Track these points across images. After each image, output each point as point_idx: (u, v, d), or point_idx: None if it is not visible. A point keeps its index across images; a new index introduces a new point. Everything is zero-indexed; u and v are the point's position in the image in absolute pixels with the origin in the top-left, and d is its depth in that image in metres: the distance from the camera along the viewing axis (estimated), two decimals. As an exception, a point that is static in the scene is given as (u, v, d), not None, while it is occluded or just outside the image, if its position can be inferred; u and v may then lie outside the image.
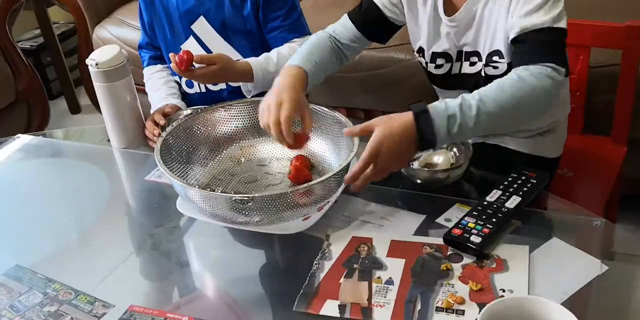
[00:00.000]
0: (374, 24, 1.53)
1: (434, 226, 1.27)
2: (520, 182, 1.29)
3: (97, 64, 1.54)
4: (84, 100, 3.31)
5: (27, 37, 3.47)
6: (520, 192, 1.26)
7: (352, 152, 1.24)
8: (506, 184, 1.29)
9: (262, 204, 1.18)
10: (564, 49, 1.30)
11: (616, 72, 1.78)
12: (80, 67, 3.11)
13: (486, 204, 1.24)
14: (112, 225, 1.45)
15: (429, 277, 1.14)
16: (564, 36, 1.31)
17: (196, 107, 1.67)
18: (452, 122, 1.18)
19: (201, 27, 1.74)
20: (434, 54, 1.49)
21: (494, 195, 1.27)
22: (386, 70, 2.24)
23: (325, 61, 1.47)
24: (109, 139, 1.65)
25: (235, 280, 1.24)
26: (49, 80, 3.46)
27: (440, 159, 1.41)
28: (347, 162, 1.23)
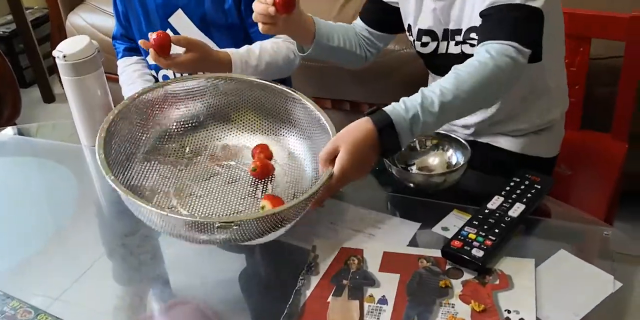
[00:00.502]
0: (378, 14, 1.53)
1: (430, 236, 1.17)
2: (523, 187, 1.20)
3: (64, 56, 1.42)
4: (58, 89, 3.19)
5: (-1, 23, 3.33)
6: (524, 199, 1.17)
7: (324, 178, 1.12)
8: (508, 189, 1.19)
9: (246, 227, 1.05)
10: (534, 30, 1.22)
11: (616, 65, 1.69)
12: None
13: (487, 212, 1.15)
14: (79, 232, 1.33)
15: (427, 295, 1.03)
16: (536, 16, 1.22)
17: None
18: (415, 123, 1.13)
19: (179, 20, 1.62)
20: (419, 31, 1.43)
21: (496, 202, 1.17)
22: (375, 60, 2.13)
23: (342, 30, 1.50)
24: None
25: (212, 297, 1.14)
26: (22, 68, 3.33)
27: (435, 161, 1.31)
28: (326, 179, 1.11)
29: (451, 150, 1.31)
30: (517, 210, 1.14)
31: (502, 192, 1.19)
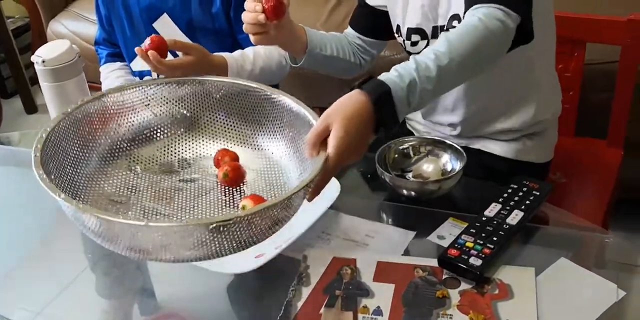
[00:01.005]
0: (368, 21, 1.51)
1: (426, 244, 1.12)
2: (521, 194, 1.15)
3: (44, 62, 1.38)
4: (41, 99, 3.10)
5: (-21, 32, 3.27)
6: (522, 206, 1.12)
7: (319, 163, 0.95)
8: (506, 196, 1.15)
9: (243, 226, 0.88)
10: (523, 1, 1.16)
11: (612, 70, 1.65)
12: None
13: (485, 219, 1.10)
14: (62, 244, 1.29)
15: (423, 306, 0.99)
16: None
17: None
18: (412, 91, 1.02)
19: (164, 25, 1.57)
20: (409, 30, 1.39)
21: (493, 209, 1.12)
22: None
23: (334, 39, 1.48)
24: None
25: (200, 309, 1.08)
26: (3, 77, 3.27)
27: (430, 167, 1.27)
28: (322, 163, 0.94)
29: (446, 156, 1.27)
30: (515, 217, 1.10)
31: (500, 199, 1.14)
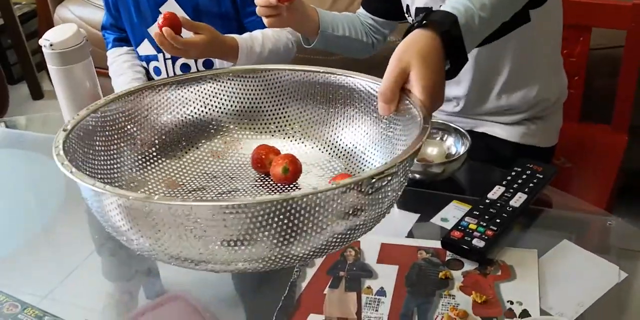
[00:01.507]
0: (379, 2, 1.51)
1: (429, 227, 1.13)
2: (525, 177, 1.16)
3: (51, 45, 1.37)
4: (47, 85, 3.14)
5: (-14, 18, 3.28)
6: (525, 189, 1.13)
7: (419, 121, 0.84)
8: (509, 179, 1.16)
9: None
10: None
11: (617, 55, 1.66)
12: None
13: (488, 202, 1.11)
14: (67, 225, 1.29)
15: (426, 286, 1.00)
16: None
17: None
18: (470, 18, 0.94)
19: (171, 9, 1.56)
20: (417, 9, 1.39)
21: (497, 192, 1.13)
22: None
23: (346, 19, 1.48)
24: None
25: (205, 290, 1.09)
26: (10, 64, 3.29)
27: (434, 151, 1.27)
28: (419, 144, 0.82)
29: (450, 139, 1.27)
30: (519, 200, 1.11)
31: (503, 182, 1.15)
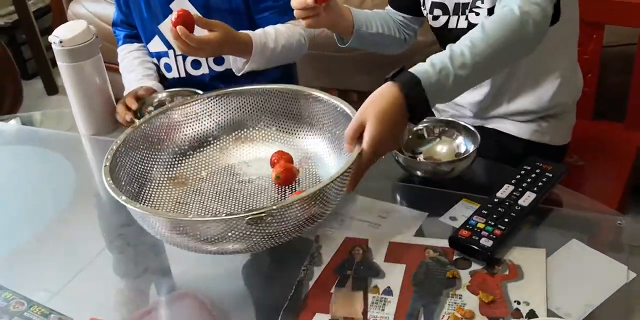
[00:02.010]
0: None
1: (438, 226, 1.12)
2: (534, 175, 1.15)
3: (61, 42, 1.39)
4: (62, 80, 3.14)
5: (1, 13, 3.29)
6: (534, 188, 1.12)
7: (353, 155, 1.03)
8: (518, 177, 1.15)
9: (279, 218, 0.96)
10: None
11: (630, 52, 1.65)
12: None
13: (497, 201, 1.10)
14: (75, 223, 1.30)
15: (433, 286, 0.99)
16: None
17: (173, 90, 1.51)
18: (445, 78, 1.04)
19: (181, 6, 1.56)
20: (432, 4, 1.41)
21: (506, 191, 1.12)
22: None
23: (378, 17, 1.49)
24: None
25: (214, 287, 1.10)
26: (25, 59, 3.31)
27: (444, 149, 1.27)
28: (356, 156, 1.02)
29: (460, 137, 1.26)
30: (527, 199, 1.10)
31: (512, 181, 1.14)
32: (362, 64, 2.14)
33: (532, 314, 0.93)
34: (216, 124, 1.28)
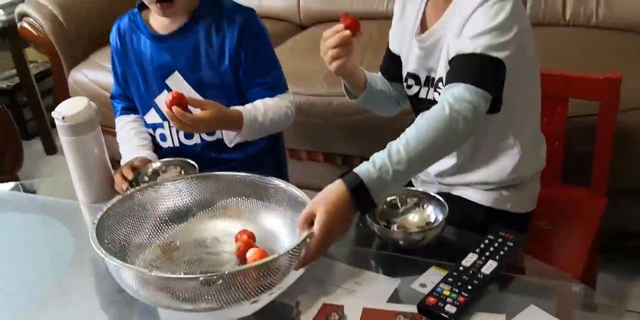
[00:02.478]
0: (393, 68, 1.59)
1: (409, 292, 1.22)
2: (496, 245, 1.25)
3: (63, 118, 1.50)
4: (60, 141, 3.25)
5: (3, 76, 3.43)
6: (496, 256, 1.22)
7: (304, 234, 1.17)
8: (482, 247, 1.25)
9: (230, 283, 1.09)
10: (493, 77, 1.29)
11: (594, 123, 1.76)
12: (56, 108, 3.06)
13: (462, 269, 1.20)
14: (75, 288, 1.38)
15: (402, 350, 1.09)
16: (497, 65, 1.30)
17: (166, 160, 1.62)
18: (385, 174, 1.18)
19: (176, 81, 1.70)
20: (407, 74, 1.53)
21: (470, 259, 1.22)
22: (363, 116, 2.22)
23: (378, 77, 1.61)
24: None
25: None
26: (25, 120, 3.42)
27: (415, 218, 1.37)
28: (304, 237, 1.16)
29: (430, 207, 1.37)
30: (490, 267, 1.20)
31: (477, 249, 1.24)
32: (345, 130, 2.27)
33: (490, 376, 1.02)
34: (193, 201, 1.39)
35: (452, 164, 1.50)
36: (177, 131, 1.75)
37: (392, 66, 1.60)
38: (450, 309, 1.12)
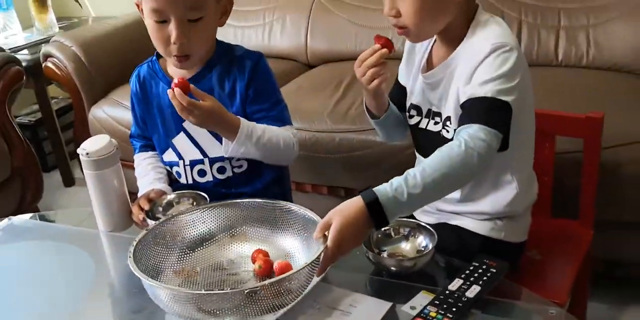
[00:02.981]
0: (395, 95, 1.73)
1: (400, 314, 1.33)
2: (480, 271, 1.36)
3: (87, 154, 1.63)
4: (78, 173, 3.39)
5: (26, 112, 3.58)
6: (480, 282, 1.33)
7: (322, 246, 1.28)
8: (467, 272, 1.36)
9: (270, 293, 1.20)
10: (502, 118, 1.43)
11: (581, 159, 1.86)
12: (75, 142, 3.19)
13: (448, 293, 1.31)
14: (92, 316, 1.48)
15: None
16: (505, 108, 1.43)
17: (180, 192, 1.74)
18: (400, 196, 1.29)
19: (192, 125, 1.76)
20: (410, 104, 1.68)
21: (456, 284, 1.34)
22: (365, 152, 2.35)
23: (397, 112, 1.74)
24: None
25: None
26: (45, 153, 3.54)
27: (407, 246, 1.49)
28: (321, 251, 1.27)
29: (421, 237, 1.48)
30: (473, 291, 1.31)
31: (462, 275, 1.36)
32: (347, 164, 2.38)
33: None
34: (209, 229, 1.50)
35: (456, 195, 1.62)
36: (191, 169, 1.84)
37: (398, 96, 1.73)
38: (435, 329, 1.23)
